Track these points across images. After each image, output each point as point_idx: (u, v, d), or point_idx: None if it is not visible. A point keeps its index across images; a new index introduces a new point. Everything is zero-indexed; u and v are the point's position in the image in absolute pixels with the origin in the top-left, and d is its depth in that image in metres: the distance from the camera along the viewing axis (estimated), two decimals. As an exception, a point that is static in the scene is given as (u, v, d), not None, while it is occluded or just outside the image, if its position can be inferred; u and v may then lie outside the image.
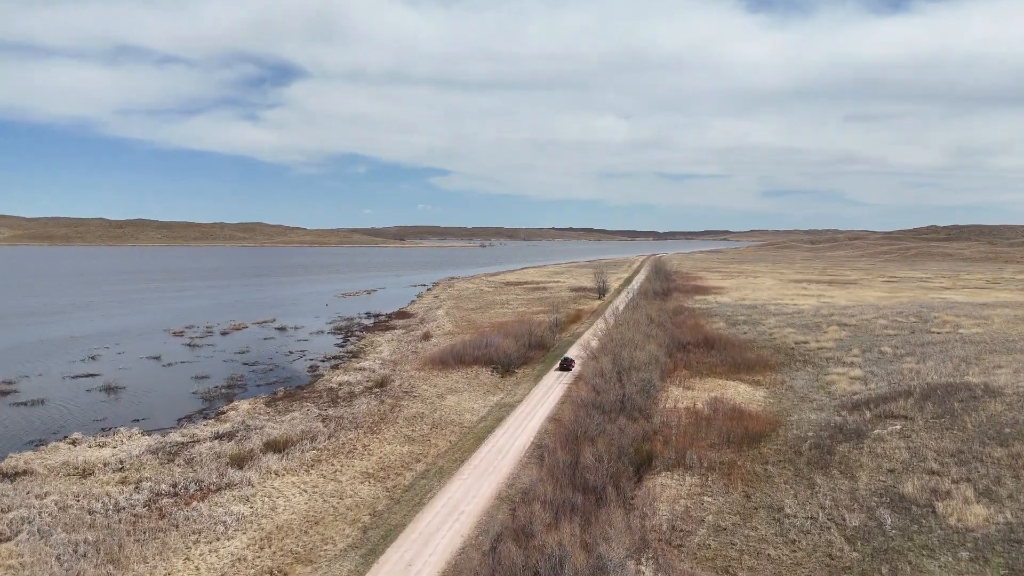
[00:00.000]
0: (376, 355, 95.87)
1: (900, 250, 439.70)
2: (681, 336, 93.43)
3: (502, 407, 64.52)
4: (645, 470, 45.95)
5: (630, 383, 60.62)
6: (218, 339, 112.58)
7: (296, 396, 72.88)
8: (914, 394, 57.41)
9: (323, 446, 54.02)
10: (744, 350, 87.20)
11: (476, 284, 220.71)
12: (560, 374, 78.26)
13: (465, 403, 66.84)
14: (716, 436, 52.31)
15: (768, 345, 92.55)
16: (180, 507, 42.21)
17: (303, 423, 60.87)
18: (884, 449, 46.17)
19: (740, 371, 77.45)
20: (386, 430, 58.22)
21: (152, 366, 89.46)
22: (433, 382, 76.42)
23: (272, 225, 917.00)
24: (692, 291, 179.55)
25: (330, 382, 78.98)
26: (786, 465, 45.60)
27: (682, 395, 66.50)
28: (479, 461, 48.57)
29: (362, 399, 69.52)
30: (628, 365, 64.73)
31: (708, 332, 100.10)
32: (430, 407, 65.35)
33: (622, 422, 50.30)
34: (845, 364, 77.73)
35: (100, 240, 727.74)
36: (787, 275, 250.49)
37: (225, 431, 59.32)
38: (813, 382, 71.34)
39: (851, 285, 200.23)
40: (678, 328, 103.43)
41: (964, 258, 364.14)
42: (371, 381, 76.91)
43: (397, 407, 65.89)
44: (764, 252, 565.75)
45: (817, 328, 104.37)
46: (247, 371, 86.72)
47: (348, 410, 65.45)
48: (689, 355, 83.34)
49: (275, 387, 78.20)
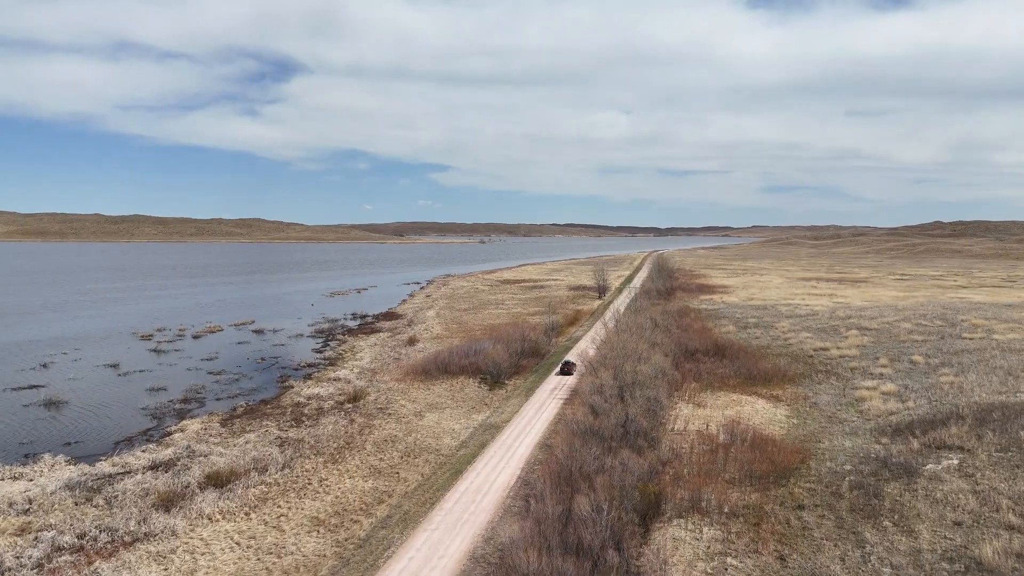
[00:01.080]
0: (355, 363, 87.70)
1: (907, 247, 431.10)
2: (688, 342, 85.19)
3: (487, 429, 56.33)
4: (653, 517, 37.82)
5: (633, 402, 52.44)
6: (188, 344, 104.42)
7: (257, 412, 64.73)
8: (966, 417, 49.17)
9: (273, 479, 45.90)
10: (758, 359, 79.00)
11: (471, 282, 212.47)
12: (557, 384, 70.14)
13: (445, 423, 58.64)
14: (736, 470, 44.16)
15: (784, 352, 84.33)
16: (79, 569, 34.09)
17: (256, 448, 52.74)
18: (944, 493, 37.96)
19: (756, 383, 69.30)
20: (350, 458, 50.06)
21: (106, 376, 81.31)
22: (413, 396, 68.26)
23: (270, 221, 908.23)
24: (696, 290, 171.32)
25: (298, 395, 70.84)
26: (825, 512, 37.39)
27: (693, 414, 58.33)
28: (452, 504, 40.37)
29: (330, 417, 61.36)
30: (631, 380, 56.54)
31: (717, 337, 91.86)
32: (405, 428, 57.17)
33: (624, 455, 42.11)
34: (874, 376, 69.50)
35: (94, 236, 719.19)
36: (794, 273, 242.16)
37: (164, 459, 51.16)
38: (840, 398, 63.11)
39: (862, 283, 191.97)
40: (684, 332, 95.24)
41: (973, 255, 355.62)
42: (344, 395, 68.77)
43: (368, 428, 57.73)
44: (767, 248, 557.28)
45: (836, 333, 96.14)
46: (210, 381, 78.57)
47: (312, 431, 57.30)
48: (698, 365, 75.14)
49: (237, 401, 70.09)
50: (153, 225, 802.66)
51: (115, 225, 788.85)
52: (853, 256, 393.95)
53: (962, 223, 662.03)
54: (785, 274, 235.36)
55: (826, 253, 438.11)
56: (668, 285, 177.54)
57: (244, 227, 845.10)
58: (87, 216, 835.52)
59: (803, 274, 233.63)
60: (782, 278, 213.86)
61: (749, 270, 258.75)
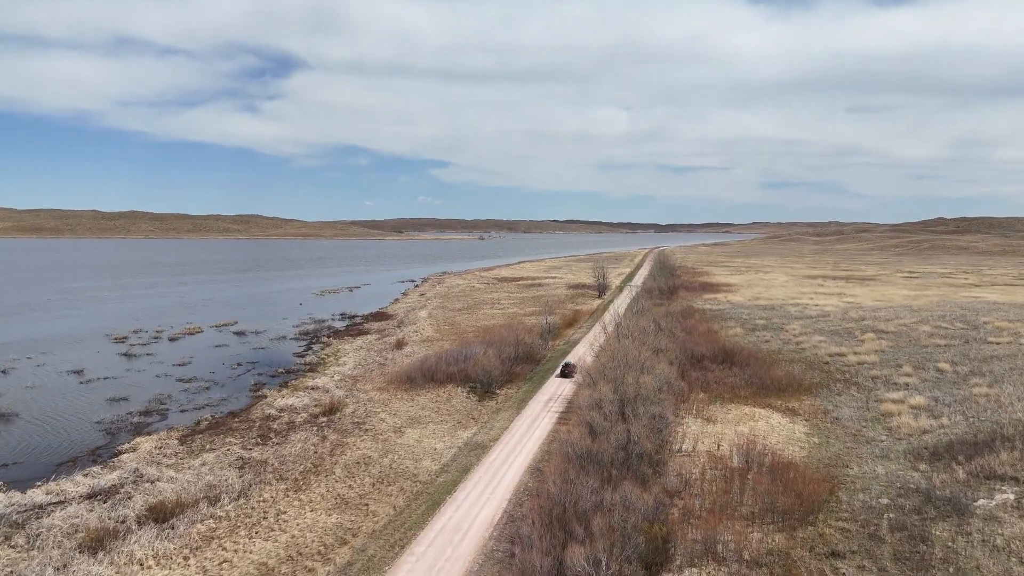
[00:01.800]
0: (337, 368, 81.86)
1: (911, 243, 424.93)
2: (694, 347, 79.28)
3: (472, 449, 50.48)
4: (660, 566, 32.04)
5: (636, 421, 46.60)
6: (162, 347, 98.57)
7: (222, 427, 58.90)
8: (1014, 440, 43.34)
9: (225, 512, 40.10)
10: (771, 366, 73.16)
11: (467, 280, 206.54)
12: (552, 394, 64.34)
13: (427, 441, 52.80)
14: (755, 502, 38.40)
15: (798, 358, 78.48)
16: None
17: (213, 472, 46.96)
18: (1005, 539, 32.15)
19: (769, 394, 63.48)
20: (316, 485, 44.24)
21: (67, 384, 75.48)
22: (394, 408, 62.42)
23: (268, 217, 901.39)
24: (700, 289, 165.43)
25: (271, 406, 65.00)
26: (865, 562, 31.58)
27: (702, 431, 52.52)
28: (426, 548, 34.55)
29: (300, 433, 55.54)
30: (633, 394, 50.68)
31: (725, 342, 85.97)
32: (382, 448, 51.34)
33: (626, 488, 36.27)
34: (898, 386, 63.65)
35: (91, 233, 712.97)
36: (799, 270, 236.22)
37: (106, 485, 45.34)
38: (863, 412, 57.25)
39: (871, 282, 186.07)
40: (689, 336, 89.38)
41: (980, 252, 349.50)
42: (319, 406, 62.92)
43: (341, 446, 51.93)
44: (769, 245, 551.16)
45: (850, 336, 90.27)
46: (178, 390, 72.75)
47: (278, 450, 51.51)
48: (706, 373, 69.28)
49: (203, 413, 64.27)
50: (150, 222, 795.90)
51: (111, 221, 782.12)
52: (858, 253, 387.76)
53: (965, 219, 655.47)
54: (790, 271, 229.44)
55: (830, 250, 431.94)
56: (670, 283, 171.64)
57: (242, 223, 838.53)
58: (83, 212, 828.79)
59: (809, 272, 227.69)
60: (787, 276, 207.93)
61: (753, 267, 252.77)
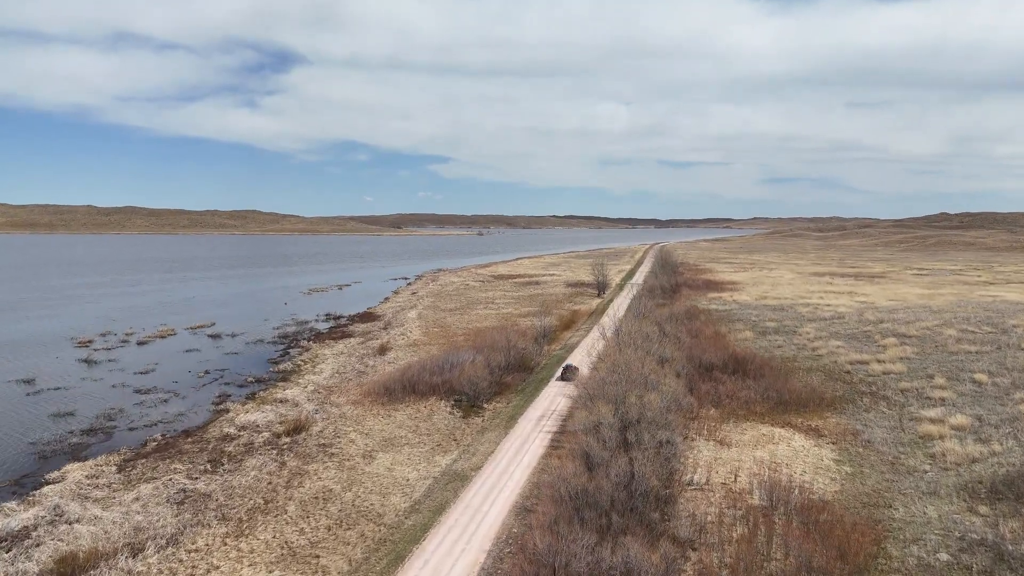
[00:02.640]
0: (311, 378, 75.01)
1: (917, 239, 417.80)
2: (702, 354, 72.32)
3: (450, 481, 43.64)
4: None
5: (641, 451, 39.75)
6: (129, 351, 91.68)
7: (171, 449, 52.07)
8: (1090, 476, 36.48)
9: (147, 566, 33.31)
10: (786, 376, 66.32)
11: (462, 278, 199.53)
12: (545, 411, 57.54)
13: (399, 470, 45.96)
14: (786, 558, 31.60)
15: (815, 367, 71.62)
16: None
17: (147, 509, 40.17)
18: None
19: (788, 410, 56.66)
20: (263, 528, 37.40)
21: (12, 395, 68.58)
22: (367, 426, 55.58)
23: (265, 213, 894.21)
24: (703, 287, 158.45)
25: (231, 423, 58.18)
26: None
27: (715, 457, 45.72)
28: (379, 625, 27.71)
29: (257, 458, 48.72)
30: (636, 416, 43.80)
31: (735, 347, 79.10)
32: (346, 478, 44.50)
33: (629, 547, 29.44)
34: (933, 402, 56.78)
35: (85, 228, 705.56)
36: (804, 267, 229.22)
37: (17, 527, 38.51)
38: (898, 433, 50.41)
39: (880, 279, 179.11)
40: (695, 340, 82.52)
41: (987, 248, 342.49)
42: (284, 424, 56.09)
43: (300, 475, 45.10)
44: (771, 240, 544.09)
45: (869, 340, 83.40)
46: (132, 403, 65.88)
47: (228, 480, 44.71)
48: (717, 385, 62.36)
49: (154, 431, 57.45)
50: (145, 217, 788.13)
51: (107, 217, 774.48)
52: (862, 248, 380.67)
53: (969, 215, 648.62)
54: (795, 268, 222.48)
55: (833, 245, 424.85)
56: (672, 281, 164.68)
57: (239, 219, 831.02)
58: (79, 208, 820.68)
59: (814, 268, 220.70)
60: (793, 273, 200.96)
61: (757, 264, 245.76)
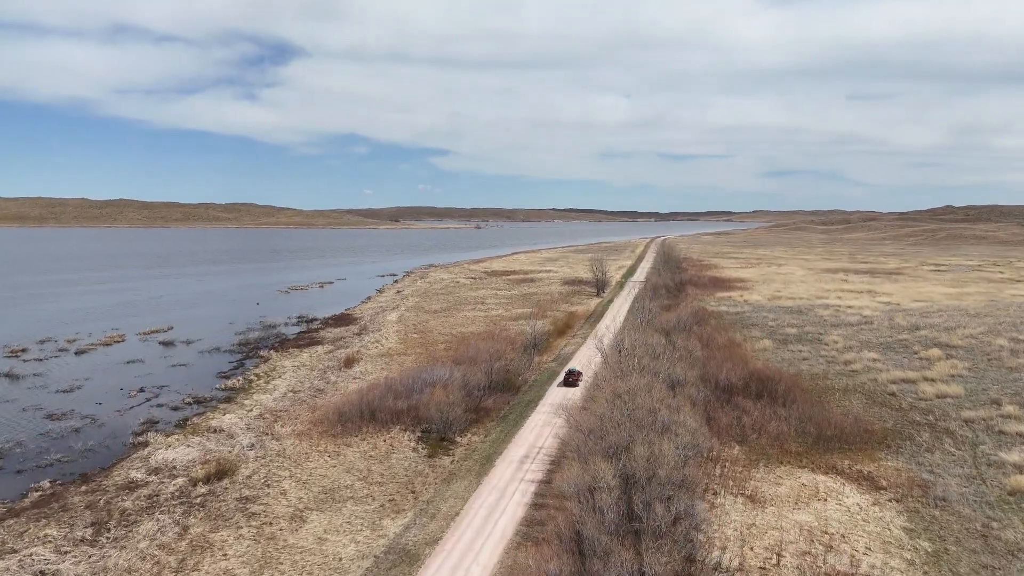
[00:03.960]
0: (260, 397, 64.01)
1: (925, 232, 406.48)
2: (717, 370, 61.06)
3: (397, 562, 32.64)
4: None
5: (651, 536, 28.81)
6: (62, 363, 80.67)
7: (54, 504, 41.09)
8: None
9: None
10: (821, 399, 55.36)
11: (453, 274, 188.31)
12: (530, 449, 46.68)
13: (333, 542, 34.97)
14: None
15: (852, 387, 60.64)
16: None
17: (-25, 609, 29.22)
18: None
19: (830, 448, 45.72)
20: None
21: None
22: (308, 469, 44.62)
23: (261, 206, 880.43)
24: (710, 285, 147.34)
25: (144, 464, 47.24)
26: None
27: (747, 523, 34.78)
28: None
29: (157, 520, 37.78)
30: (646, 476, 32.84)
31: (754, 362, 68.06)
32: (260, 555, 33.53)
33: None
34: (1011, 438, 45.91)
35: (76, 221, 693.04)
36: (814, 262, 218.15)
37: None
38: (977, 484, 39.45)
39: (898, 276, 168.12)
40: (708, 351, 71.45)
41: (1000, 241, 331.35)
42: (207, 466, 45.11)
43: (200, 550, 34.16)
44: (775, 234, 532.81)
45: (908, 351, 72.52)
46: (36, 433, 54.93)
47: (104, 558, 33.84)
48: (740, 414, 51.28)
49: (45, 474, 46.60)
50: (138, 210, 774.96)
51: (98, 210, 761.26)
52: (870, 242, 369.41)
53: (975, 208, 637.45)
54: (805, 264, 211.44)
55: (839, 239, 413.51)
56: (676, 279, 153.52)
57: (233, 212, 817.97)
58: (70, 200, 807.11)
59: (825, 264, 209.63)
60: (804, 269, 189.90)
61: (764, 259, 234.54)
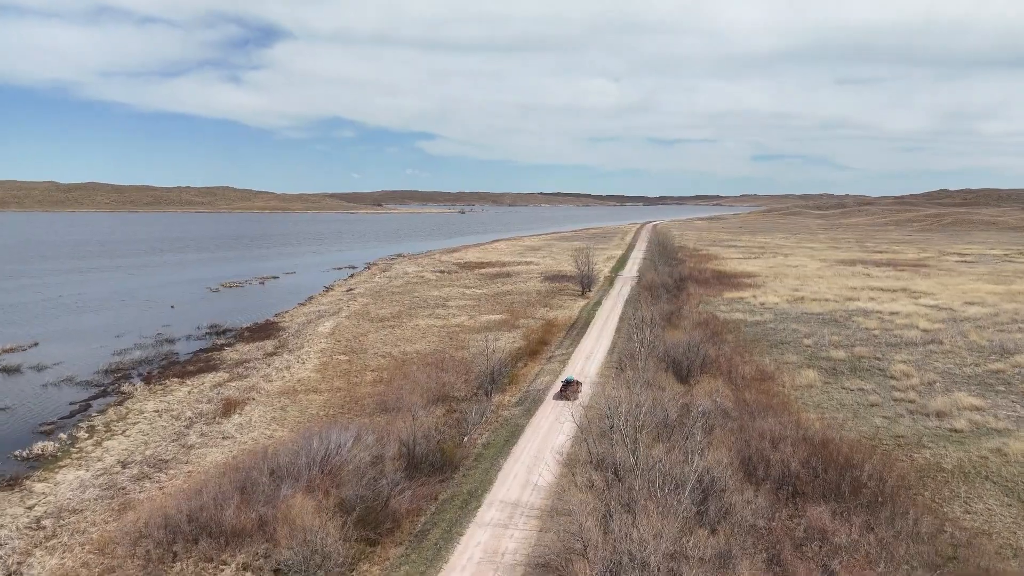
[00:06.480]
0: (64, 478, 41.92)
1: (929, 217, 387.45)
2: (758, 441, 39.47)
3: None
4: None
5: None
6: None
7: None
8: None
9: None
10: (927, 499, 33.90)
11: (420, 267, 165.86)
12: None
13: None
14: None
15: (967, 465, 39.12)
16: None
17: None
18: None
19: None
20: None
21: None
22: None
23: (237, 189, 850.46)
24: (714, 281, 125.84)
25: None
26: None
27: None
28: None
29: None
30: None
31: (803, 415, 46.50)
32: None
33: None
34: None
35: (40, 205, 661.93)
36: (823, 252, 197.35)
37: None
38: None
39: (923, 268, 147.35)
40: (732, 385, 50.03)
41: (1012, 227, 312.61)
42: None
43: None
44: (770, 219, 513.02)
45: (1016, 392, 51.23)
46: None
47: None
48: (804, 523, 29.60)
49: None
50: (107, 194, 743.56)
51: (66, 194, 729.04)
52: (872, 228, 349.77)
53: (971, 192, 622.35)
54: (813, 253, 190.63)
55: (839, 225, 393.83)
56: (674, 273, 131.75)
57: (208, 196, 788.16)
58: (38, 184, 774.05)
59: (837, 254, 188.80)
60: (816, 260, 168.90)
61: (767, 248, 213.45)
